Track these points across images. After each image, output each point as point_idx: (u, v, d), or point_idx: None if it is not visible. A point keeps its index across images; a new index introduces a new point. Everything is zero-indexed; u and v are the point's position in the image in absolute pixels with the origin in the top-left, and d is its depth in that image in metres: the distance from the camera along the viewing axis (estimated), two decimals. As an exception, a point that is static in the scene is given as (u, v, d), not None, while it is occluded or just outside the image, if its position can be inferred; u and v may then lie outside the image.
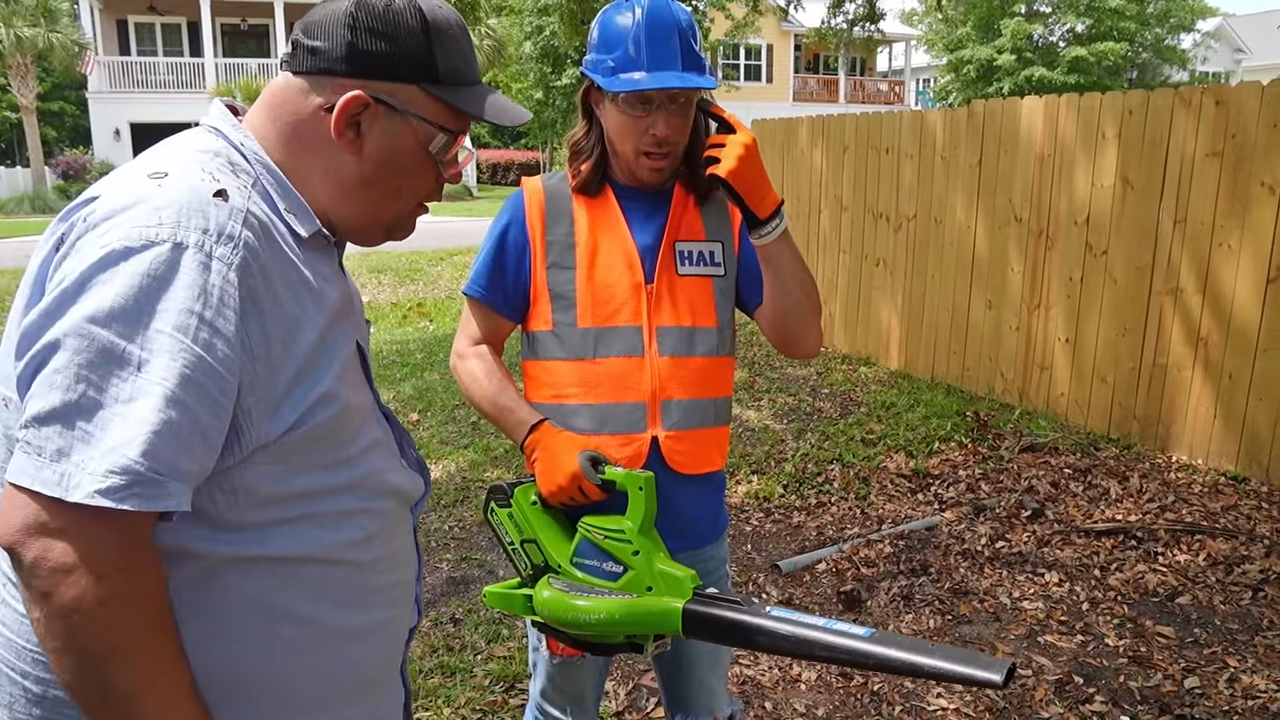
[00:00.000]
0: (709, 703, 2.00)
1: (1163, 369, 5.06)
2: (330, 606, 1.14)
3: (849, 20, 15.50)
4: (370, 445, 1.19)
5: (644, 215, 1.80)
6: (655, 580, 1.51)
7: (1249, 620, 3.42)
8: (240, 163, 1.11)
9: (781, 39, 36.15)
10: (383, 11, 1.11)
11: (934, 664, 1.25)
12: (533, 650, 1.97)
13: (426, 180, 1.20)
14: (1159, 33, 35.28)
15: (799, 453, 5.17)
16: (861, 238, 7.39)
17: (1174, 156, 4.93)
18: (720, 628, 1.43)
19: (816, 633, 1.34)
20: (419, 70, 1.13)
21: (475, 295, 1.83)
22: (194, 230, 0.98)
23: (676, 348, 1.77)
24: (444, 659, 3.22)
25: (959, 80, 34.92)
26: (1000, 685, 1.19)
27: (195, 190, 1.01)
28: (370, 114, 1.12)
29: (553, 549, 1.65)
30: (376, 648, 1.23)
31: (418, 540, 1.32)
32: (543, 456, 1.67)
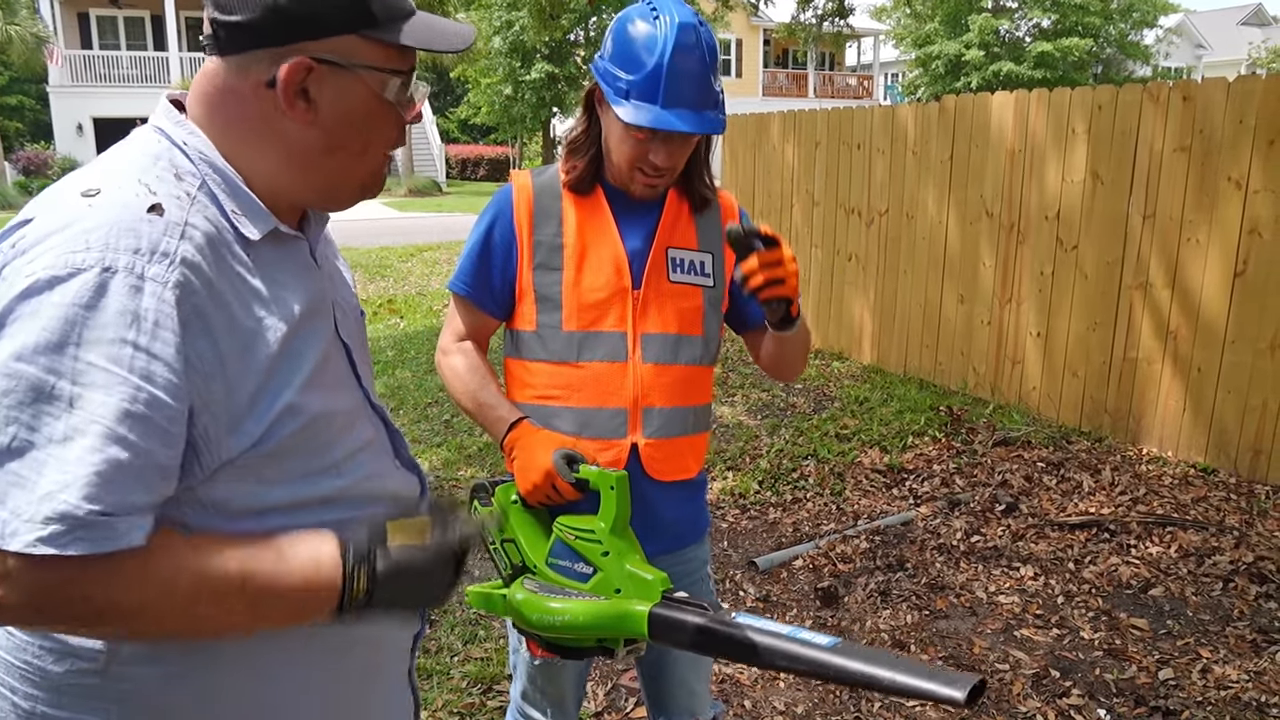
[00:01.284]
0: (690, 704, 1.99)
1: (1133, 363, 5.12)
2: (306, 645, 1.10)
3: (818, 15, 15.55)
4: (359, 449, 1.15)
5: (634, 219, 1.76)
6: (624, 582, 1.48)
7: (1220, 611, 3.46)
8: (184, 165, 1.04)
9: (751, 34, 36.20)
10: None
11: (894, 678, 1.19)
12: (513, 652, 1.95)
13: (390, 128, 1.12)
14: (1123, 28, 35.67)
15: (774, 449, 5.18)
16: (834, 233, 7.41)
17: (1143, 152, 4.97)
18: (683, 632, 1.40)
19: (780, 642, 1.30)
20: (353, 17, 1.04)
21: (460, 292, 1.80)
22: (124, 252, 0.92)
23: (660, 355, 1.76)
24: (420, 661, 3.18)
25: (927, 75, 35.11)
26: (962, 704, 1.11)
27: (127, 207, 0.95)
28: (316, 77, 1.03)
29: (529, 549, 1.62)
30: (369, 658, 1.20)
31: None
32: (520, 455, 1.65)
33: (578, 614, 1.47)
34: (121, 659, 1.00)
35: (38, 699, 1.02)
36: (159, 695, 1.03)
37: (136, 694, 1.02)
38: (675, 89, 1.59)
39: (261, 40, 1.02)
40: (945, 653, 3.22)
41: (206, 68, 1.07)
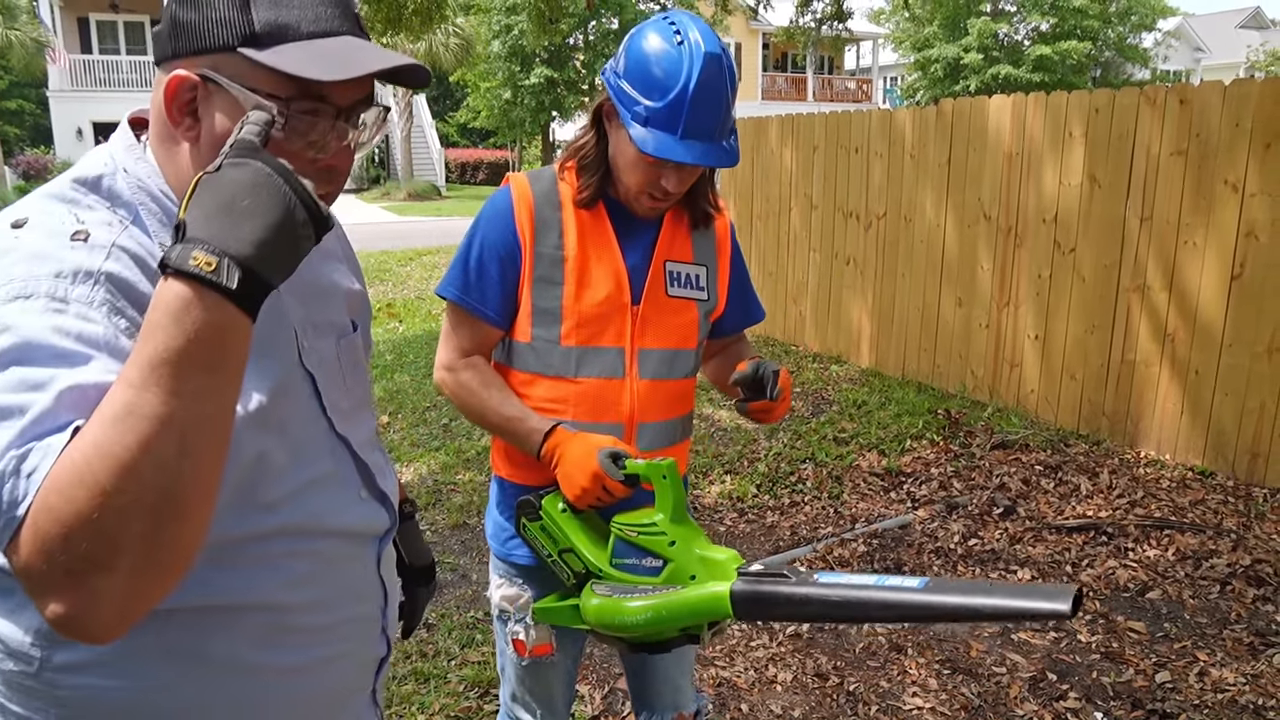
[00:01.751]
0: (675, 699, 2.00)
1: (1130, 365, 5.12)
2: (248, 648, 1.08)
3: (817, 19, 15.57)
4: (307, 485, 1.10)
5: (634, 233, 1.74)
6: (697, 567, 1.48)
7: (1217, 614, 3.46)
8: (122, 193, 1.02)
9: (750, 38, 36.25)
10: None
11: (995, 603, 1.21)
12: (500, 654, 1.94)
13: (297, 163, 0.96)
14: (1121, 31, 35.74)
15: (771, 452, 5.18)
16: (832, 236, 7.41)
17: (1140, 155, 4.98)
18: (771, 604, 1.39)
19: (870, 592, 1.29)
20: (233, 33, 0.96)
21: (459, 302, 1.71)
22: (45, 278, 0.90)
23: (658, 371, 1.76)
24: (417, 665, 3.18)
25: (926, 79, 35.17)
26: (1068, 615, 1.13)
27: (52, 235, 0.94)
28: (203, 95, 0.97)
29: (591, 554, 1.61)
30: (318, 684, 1.17)
31: (382, 573, 1.23)
32: (564, 462, 1.62)
33: (660, 609, 1.47)
34: (53, 666, 0.99)
35: (1, 691, 1.03)
36: (95, 705, 1.02)
37: (73, 700, 1.01)
38: (696, 121, 1.55)
39: (164, 52, 0.99)
40: (942, 655, 3.22)
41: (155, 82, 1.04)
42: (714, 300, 1.84)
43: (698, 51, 1.54)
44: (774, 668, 3.17)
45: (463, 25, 25.95)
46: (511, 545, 1.82)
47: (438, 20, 11.68)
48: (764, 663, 3.20)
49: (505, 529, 1.83)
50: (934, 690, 3.03)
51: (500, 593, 1.85)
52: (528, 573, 1.82)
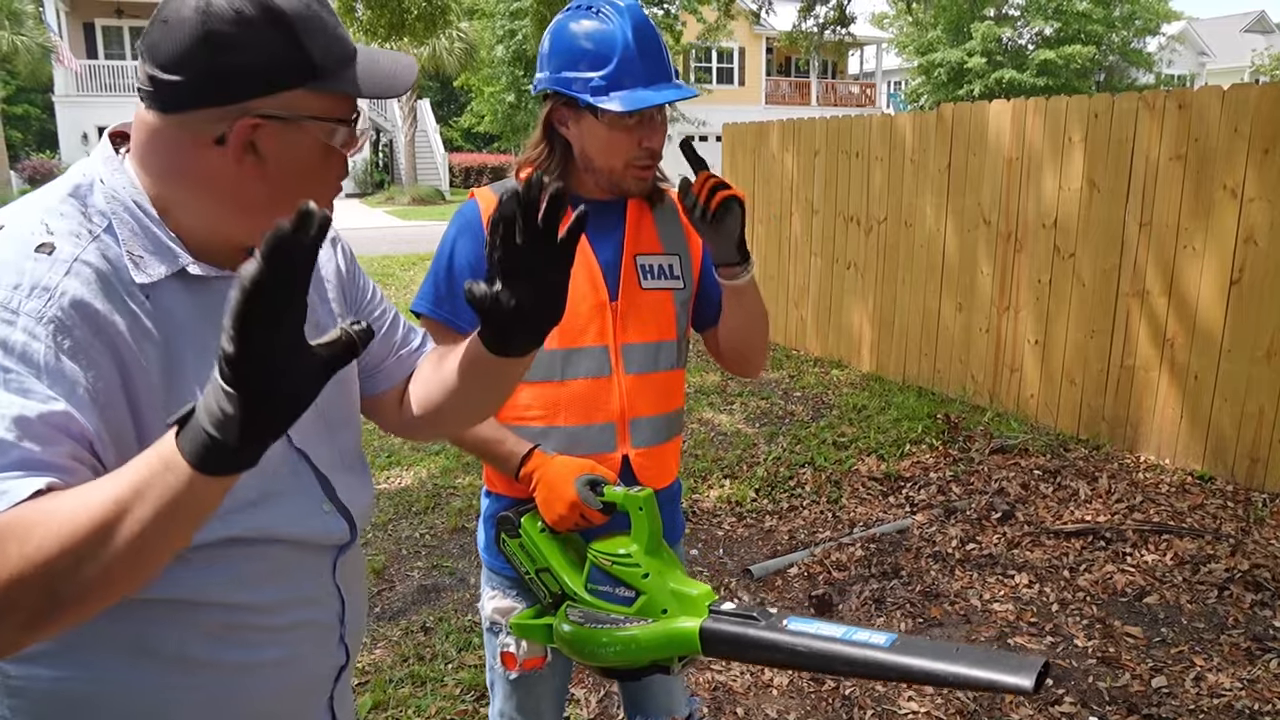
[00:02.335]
0: (667, 703, 1.99)
1: (1130, 370, 5.12)
2: (199, 644, 1.10)
3: (819, 24, 15.59)
4: (261, 496, 1.12)
5: (601, 231, 1.74)
6: (669, 601, 1.48)
7: (1214, 619, 3.46)
8: (98, 204, 1.04)
9: (754, 42, 36.29)
10: (236, 24, 1.00)
11: (957, 672, 1.22)
12: (490, 669, 1.93)
13: (336, 168, 1.12)
14: (1125, 36, 35.70)
15: (770, 456, 5.18)
16: (832, 241, 7.42)
17: (1139, 160, 4.98)
18: (740, 646, 1.41)
19: (836, 646, 1.30)
20: (297, 71, 1.03)
21: (436, 317, 1.71)
22: (2, 288, 0.93)
23: (643, 364, 1.76)
24: (414, 668, 3.19)
25: (930, 83, 35.14)
26: (1030, 691, 1.14)
27: (17, 245, 0.97)
28: (263, 133, 1.04)
29: (567, 577, 1.62)
30: (269, 685, 1.18)
31: (339, 581, 1.25)
32: (542, 488, 1.64)
33: (629, 643, 1.49)
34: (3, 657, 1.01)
35: None
36: (46, 696, 1.04)
37: (25, 690, 1.03)
38: (649, 67, 1.62)
39: (206, 100, 1.01)
40: (939, 660, 3.22)
41: (143, 118, 1.05)
42: (689, 287, 1.84)
43: (619, 10, 1.61)
44: (770, 672, 3.18)
45: (466, 30, 26.04)
46: (503, 557, 1.81)
47: (441, 25, 11.74)
48: (760, 667, 3.21)
49: (493, 540, 1.82)
50: (930, 695, 3.03)
51: (493, 604, 1.85)
52: (522, 585, 1.81)
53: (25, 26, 25.68)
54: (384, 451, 5.51)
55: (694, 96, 1.70)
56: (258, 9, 1.00)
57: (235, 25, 0.99)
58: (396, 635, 3.44)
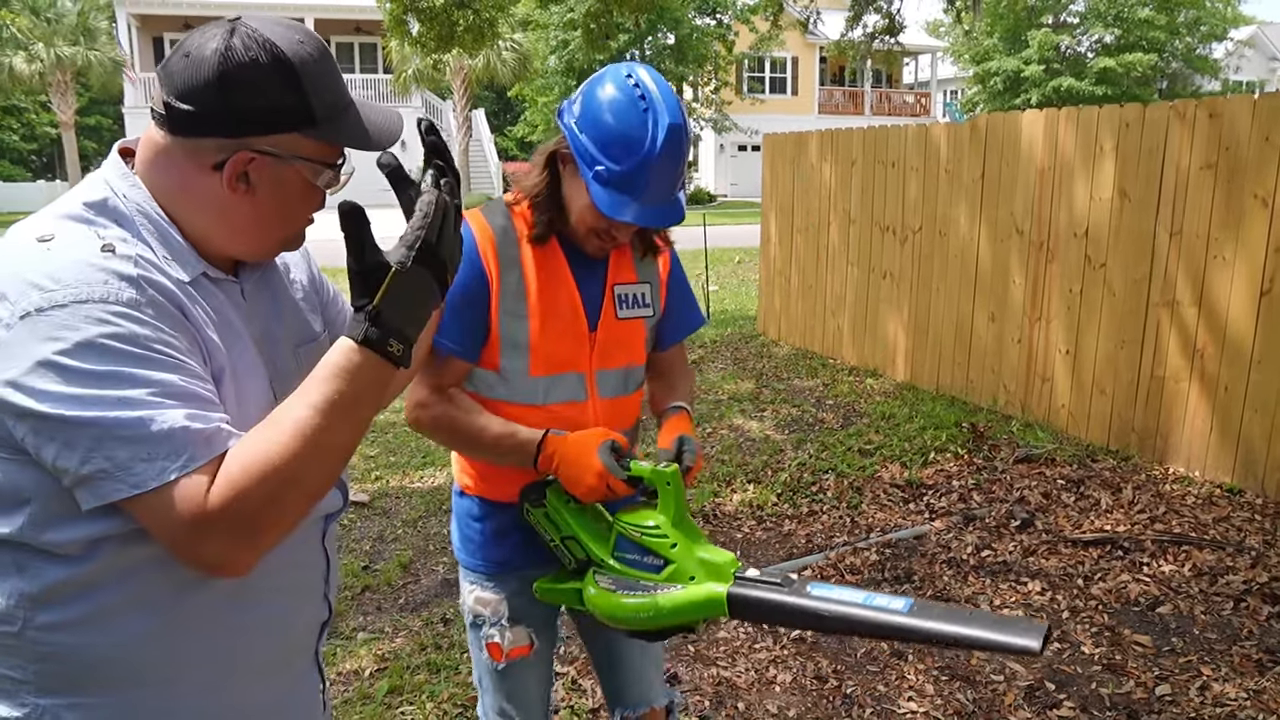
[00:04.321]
0: (646, 694, 2.07)
1: (1160, 381, 5.08)
2: (208, 605, 1.22)
3: (868, 33, 15.55)
4: None
5: (586, 263, 1.81)
6: (696, 569, 1.58)
7: (1228, 630, 3.45)
8: (124, 213, 1.16)
9: (806, 51, 36.22)
10: (249, 69, 1.12)
11: (970, 634, 1.36)
12: (476, 665, 2.00)
13: (314, 203, 1.26)
14: (1190, 42, 34.95)
15: (795, 462, 5.24)
16: (869, 250, 7.45)
17: (1170, 169, 4.96)
18: (764, 609, 1.52)
19: (856, 610, 1.42)
20: (296, 118, 1.15)
21: (440, 345, 1.74)
22: (97, 284, 1.05)
23: (616, 390, 1.87)
24: (431, 656, 3.32)
25: (986, 92, 34.78)
26: (1037, 652, 1.26)
27: (83, 250, 1.08)
28: (257, 165, 1.16)
29: (594, 545, 1.72)
30: (270, 638, 1.31)
31: (326, 544, 1.39)
32: (564, 465, 1.69)
33: (661, 606, 1.59)
34: (35, 626, 1.13)
35: None
36: (74, 659, 1.16)
37: (54, 656, 1.15)
38: (656, 188, 1.62)
39: (211, 131, 1.13)
40: (942, 662, 3.26)
41: (153, 137, 1.18)
42: (658, 312, 1.94)
43: (662, 122, 1.58)
44: (775, 669, 3.25)
45: (520, 41, 26.39)
46: (480, 552, 1.91)
47: (489, 38, 11.94)
48: (765, 664, 3.28)
49: (471, 539, 1.92)
50: (930, 696, 3.08)
51: (474, 597, 1.92)
52: (501, 577, 1.90)
53: (99, 42, 26.65)
54: (420, 452, 5.67)
55: (680, 222, 1.72)
56: (270, 59, 1.13)
57: (248, 70, 1.12)
58: (417, 626, 3.57)
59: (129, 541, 1.14)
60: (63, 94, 26.82)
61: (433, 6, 10.66)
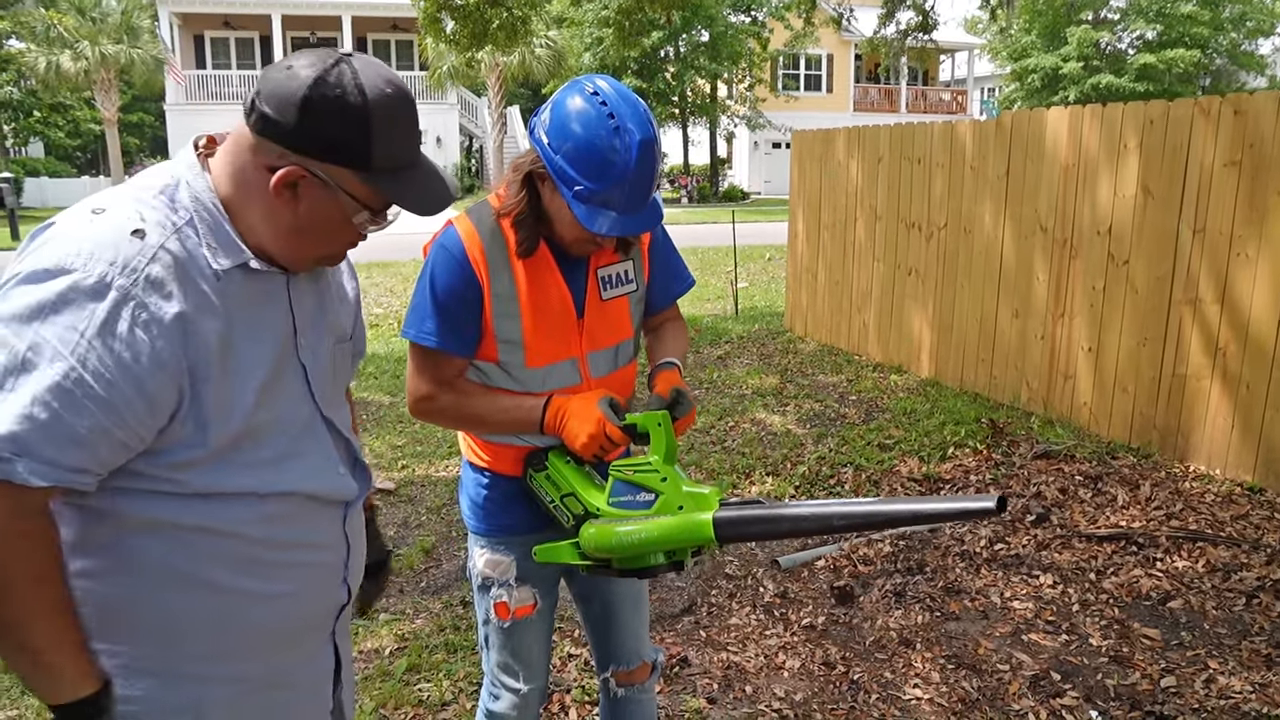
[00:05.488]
0: (638, 649, 2.19)
1: (1182, 379, 5.07)
2: (226, 573, 1.32)
3: (901, 31, 15.48)
4: (287, 455, 1.36)
5: (571, 256, 1.89)
6: (685, 500, 1.71)
7: (1239, 625, 3.46)
8: (182, 200, 1.27)
9: (842, 49, 36.04)
10: (332, 100, 1.23)
11: (933, 509, 1.53)
12: (483, 624, 2.11)
13: (350, 237, 1.36)
14: (1235, 38, 34.36)
15: (815, 455, 5.29)
16: (895, 247, 7.47)
17: (1193, 166, 4.95)
18: (748, 525, 1.65)
19: (831, 507, 1.58)
20: (354, 157, 1.26)
21: (432, 345, 1.83)
22: (101, 263, 1.16)
23: (608, 367, 1.98)
24: (450, 637, 3.42)
25: (1023, 89, 34.42)
26: (995, 512, 1.39)
27: (117, 228, 1.20)
28: (306, 183, 1.27)
29: (590, 497, 1.84)
30: (281, 615, 1.40)
31: (347, 530, 1.48)
32: (569, 419, 1.82)
33: (652, 530, 1.71)
34: (73, 571, 1.24)
35: None
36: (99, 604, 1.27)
37: (84, 600, 1.25)
38: (633, 199, 1.69)
39: (281, 139, 1.25)
40: (950, 652, 3.31)
41: (239, 129, 1.31)
42: (642, 284, 2.02)
43: (634, 140, 1.64)
44: (783, 655, 3.31)
45: (554, 38, 26.53)
46: (489, 519, 2.02)
47: (522, 35, 12.05)
48: (775, 650, 3.35)
49: (481, 505, 2.03)
50: (935, 683, 3.13)
51: (484, 560, 2.04)
52: (508, 540, 2.02)
53: (141, 40, 27.15)
54: (445, 442, 5.79)
55: (655, 226, 1.81)
56: (356, 100, 1.24)
57: (329, 102, 1.23)
58: (437, 608, 3.68)
59: (137, 498, 1.25)
60: (107, 91, 27.36)
61: (466, 4, 10.78)
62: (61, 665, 1.20)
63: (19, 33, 29.43)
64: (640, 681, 2.23)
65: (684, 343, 2.15)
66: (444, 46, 13.79)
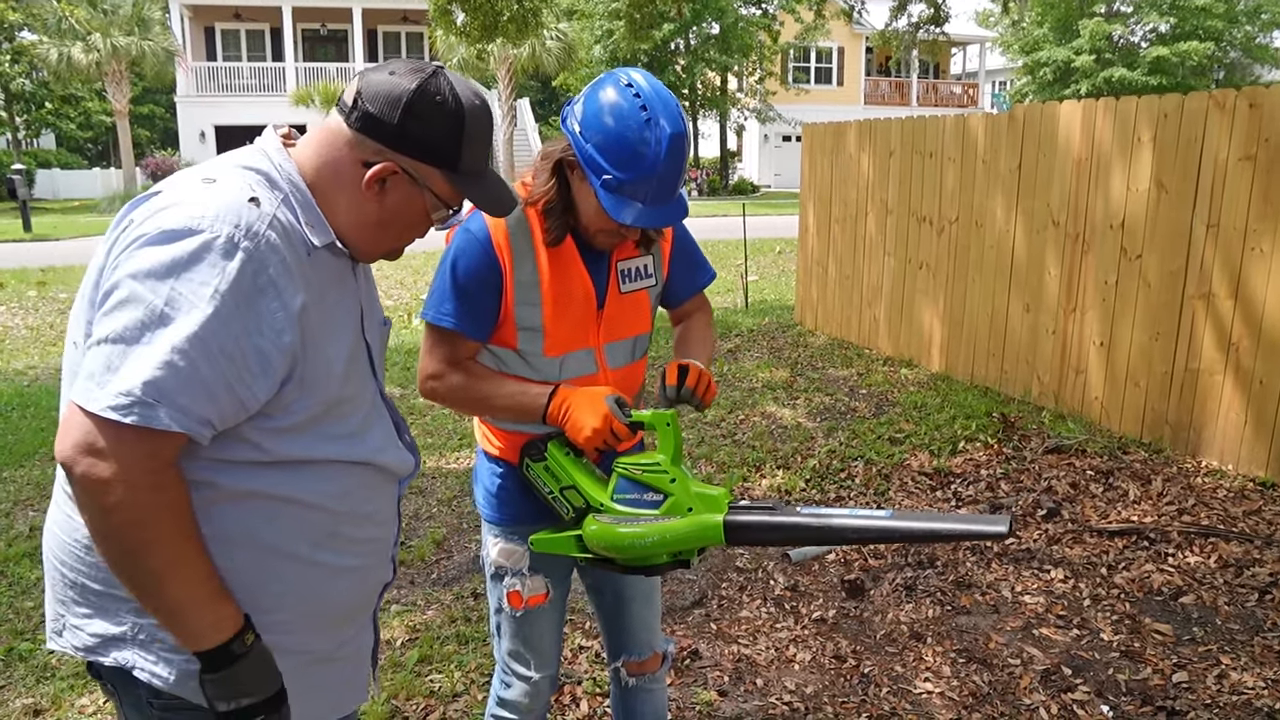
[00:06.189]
0: (650, 639, 2.21)
1: (1194, 374, 5.05)
2: (308, 545, 1.38)
3: (913, 23, 15.42)
4: (361, 429, 1.43)
5: (594, 247, 1.89)
6: (694, 501, 1.72)
7: (1251, 621, 3.45)
8: (276, 181, 1.34)
9: (853, 41, 35.92)
10: (433, 105, 1.33)
11: (945, 528, 1.56)
12: (495, 613, 2.12)
13: (421, 229, 1.46)
14: (1249, 31, 34.10)
15: (825, 449, 5.29)
16: (906, 241, 7.45)
17: (1208, 160, 4.92)
18: (759, 531, 1.67)
19: (844, 520, 1.60)
20: (446, 160, 1.37)
21: (450, 327, 1.84)
22: (227, 224, 1.23)
23: (624, 359, 1.99)
24: (461, 628, 3.44)
25: (1035, 82, 34.24)
26: (1005, 535, 1.44)
27: (235, 195, 1.27)
28: (396, 179, 1.36)
29: (593, 491, 1.84)
30: (348, 590, 1.45)
31: (399, 509, 1.56)
32: (574, 410, 1.81)
33: (663, 532, 1.72)
34: None
35: (80, 572, 1.33)
36: None
37: None
38: (662, 191, 1.70)
39: (380, 136, 1.34)
40: (960, 646, 3.31)
41: (332, 123, 1.38)
42: (660, 280, 2.03)
43: (664, 134, 1.65)
44: (794, 648, 3.32)
45: (565, 30, 26.48)
46: (504, 508, 2.03)
47: (533, 27, 12.04)
48: (785, 643, 3.35)
49: (495, 495, 2.04)
50: (946, 677, 3.13)
51: (498, 549, 2.05)
52: (522, 530, 2.03)
53: (152, 32, 27.20)
54: (456, 434, 5.81)
55: (682, 219, 1.83)
56: (454, 106, 1.35)
57: (433, 107, 1.34)
58: (449, 600, 3.70)
59: (229, 469, 1.29)
60: (118, 83, 27.42)
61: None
62: (201, 613, 1.24)
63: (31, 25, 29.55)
64: (651, 671, 2.25)
65: (709, 341, 2.14)
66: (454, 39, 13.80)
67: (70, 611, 1.35)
